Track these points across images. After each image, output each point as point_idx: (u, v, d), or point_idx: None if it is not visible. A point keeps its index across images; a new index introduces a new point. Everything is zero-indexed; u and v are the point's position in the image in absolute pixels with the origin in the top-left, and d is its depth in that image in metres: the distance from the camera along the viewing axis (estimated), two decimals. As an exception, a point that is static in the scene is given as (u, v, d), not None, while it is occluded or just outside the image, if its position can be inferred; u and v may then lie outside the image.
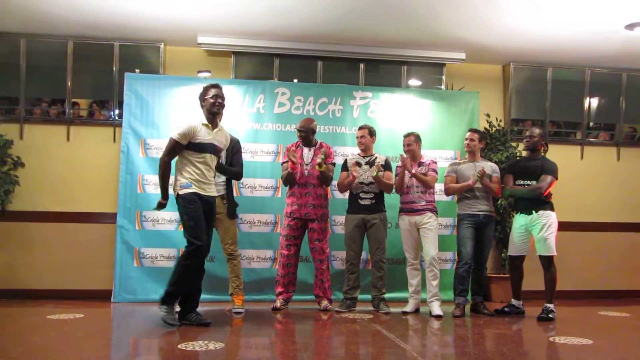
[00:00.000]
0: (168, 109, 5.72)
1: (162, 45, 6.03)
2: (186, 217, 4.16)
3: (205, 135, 4.21)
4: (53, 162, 5.85)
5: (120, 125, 5.79)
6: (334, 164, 5.25)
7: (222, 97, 4.33)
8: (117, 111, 5.94)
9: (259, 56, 6.23)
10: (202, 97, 4.33)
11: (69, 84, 5.90)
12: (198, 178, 4.20)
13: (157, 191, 5.53)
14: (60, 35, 5.85)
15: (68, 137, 5.91)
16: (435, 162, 5.31)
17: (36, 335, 3.86)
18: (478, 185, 5.12)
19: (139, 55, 6.06)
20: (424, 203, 5.14)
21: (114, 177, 5.72)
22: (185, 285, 4.18)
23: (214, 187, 4.41)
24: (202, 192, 4.21)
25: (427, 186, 5.14)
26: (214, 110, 4.27)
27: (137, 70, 5.89)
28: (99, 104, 6.18)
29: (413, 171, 5.08)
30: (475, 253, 5.16)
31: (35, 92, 6.10)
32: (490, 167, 5.27)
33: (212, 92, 4.29)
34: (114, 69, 5.93)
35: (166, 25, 5.59)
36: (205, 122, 4.26)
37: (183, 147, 4.17)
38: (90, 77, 6.18)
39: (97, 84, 6.21)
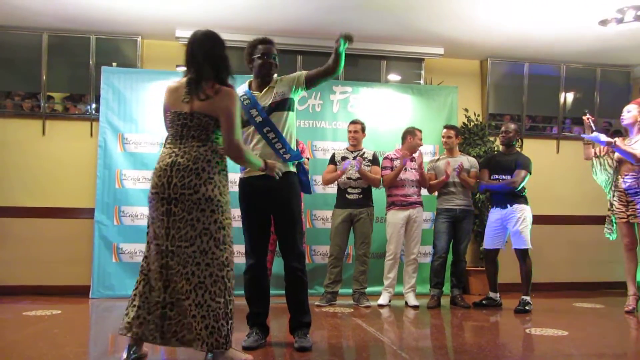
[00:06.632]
0: (146, 104, 5.65)
1: (139, 39, 5.96)
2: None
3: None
4: (28, 157, 5.75)
5: (97, 119, 5.71)
6: (307, 159, 5.24)
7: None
8: (94, 105, 5.87)
9: (238, 50, 6.15)
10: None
11: (44, 77, 5.81)
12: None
13: (136, 186, 5.56)
14: (34, 27, 5.74)
15: (44, 131, 5.82)
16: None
17: (12, 332, 3.81)
18: (456, 179, 5.18)
19: (116, 48, 5.98)
20: (416, 197, 5.25)
21: (91, 172, 5.65)
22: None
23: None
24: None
25: (425, 183, 5.29)
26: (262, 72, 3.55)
27: (114, 64, 5.81)
28: (74, 98, 6.09)
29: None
30: (453, 246, 5.25)
31: (8, 86, 5.99)
32: (468, 161, 5.33)
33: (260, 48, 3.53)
34: (91, 62, 5.85)
35: (143, 19, 5.52)
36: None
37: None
38: (66, 71, 6.08)
39: (73, 78, 6.12)
